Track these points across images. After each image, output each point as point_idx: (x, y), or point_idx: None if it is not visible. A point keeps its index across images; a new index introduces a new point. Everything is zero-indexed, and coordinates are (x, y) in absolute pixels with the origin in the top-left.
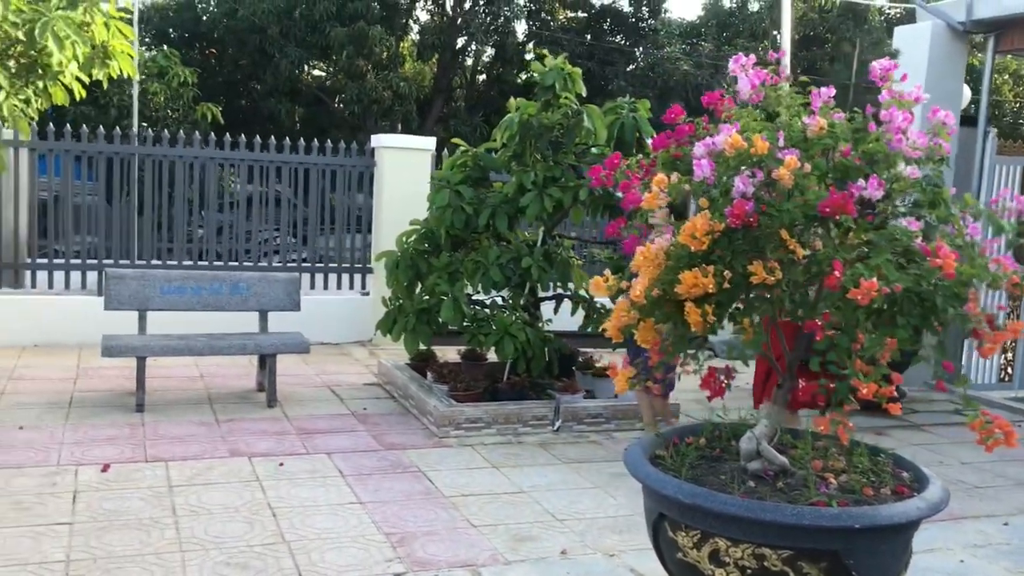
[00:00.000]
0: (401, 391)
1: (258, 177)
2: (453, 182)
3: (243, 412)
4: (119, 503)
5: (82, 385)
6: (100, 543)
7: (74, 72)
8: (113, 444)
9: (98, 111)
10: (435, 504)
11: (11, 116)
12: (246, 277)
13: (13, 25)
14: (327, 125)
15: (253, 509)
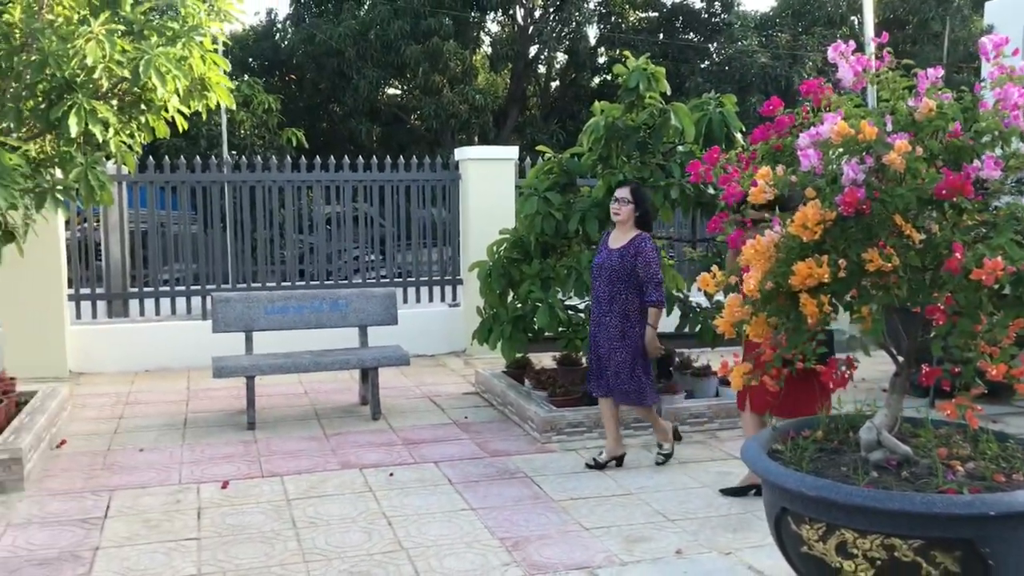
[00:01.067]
0: (500, 399)
1: (342, 196)
2: (541, 189)
3: (349, 425)
4: (241, 518)
5: (194, 406)
6: (227, 556)
7: (175, 105)
8: (230, 461)
9: (189, 142)
10: (545, 508)
11: (119, 152)
12: (345, 294)
13: (118, 64)
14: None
15: (369, 519)
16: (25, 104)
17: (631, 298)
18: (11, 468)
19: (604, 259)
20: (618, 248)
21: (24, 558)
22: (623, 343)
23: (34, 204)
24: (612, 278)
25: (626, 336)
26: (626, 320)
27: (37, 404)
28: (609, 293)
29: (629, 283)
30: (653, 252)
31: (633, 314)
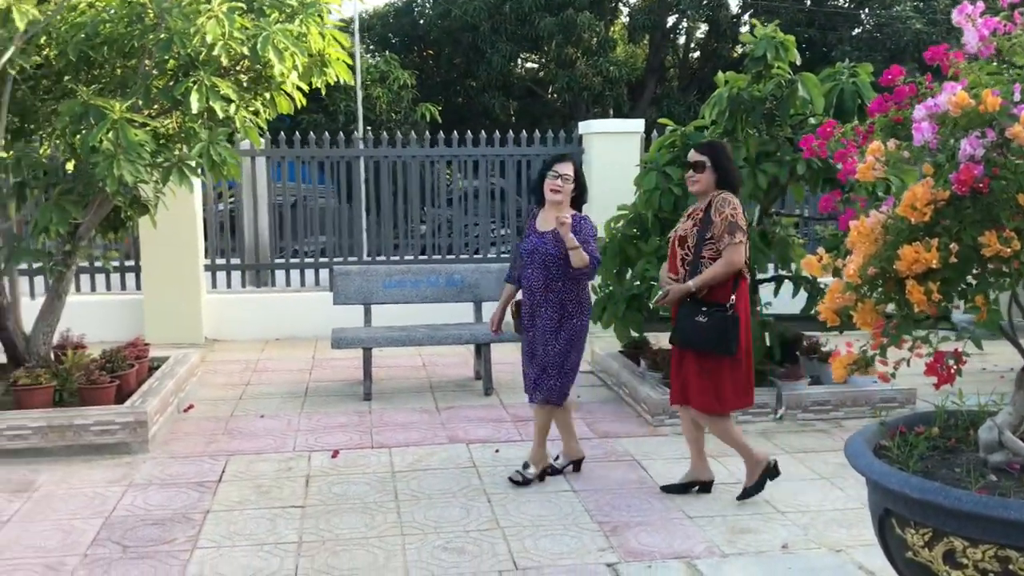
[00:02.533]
0: (614, 379)
1: (470, 171)
2: (661, 163)
3: (461, 399)
4: (347, 487)
5: (316, 375)
6: (328, 525)
7: (294, 81)
8: (343, 431)
9: (328, 118)
10: (649, 494)
11: (243, 127)
12: (461, 269)
13: (239, 42)
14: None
15: (469, 495)
16: (153, 82)
17: (567, 287)
18: (136, 431)
19: (536, 244)
20: (552, 231)
21: (140, 517)
22: (558, 336)
23: (160, 178)
24: (547, 264)
25: (562, 328)
26: (563, 311)
27: (167, 369)
28: (543, 280)
29: (566, 269)
30: (593, 231)
31: (571, 304)
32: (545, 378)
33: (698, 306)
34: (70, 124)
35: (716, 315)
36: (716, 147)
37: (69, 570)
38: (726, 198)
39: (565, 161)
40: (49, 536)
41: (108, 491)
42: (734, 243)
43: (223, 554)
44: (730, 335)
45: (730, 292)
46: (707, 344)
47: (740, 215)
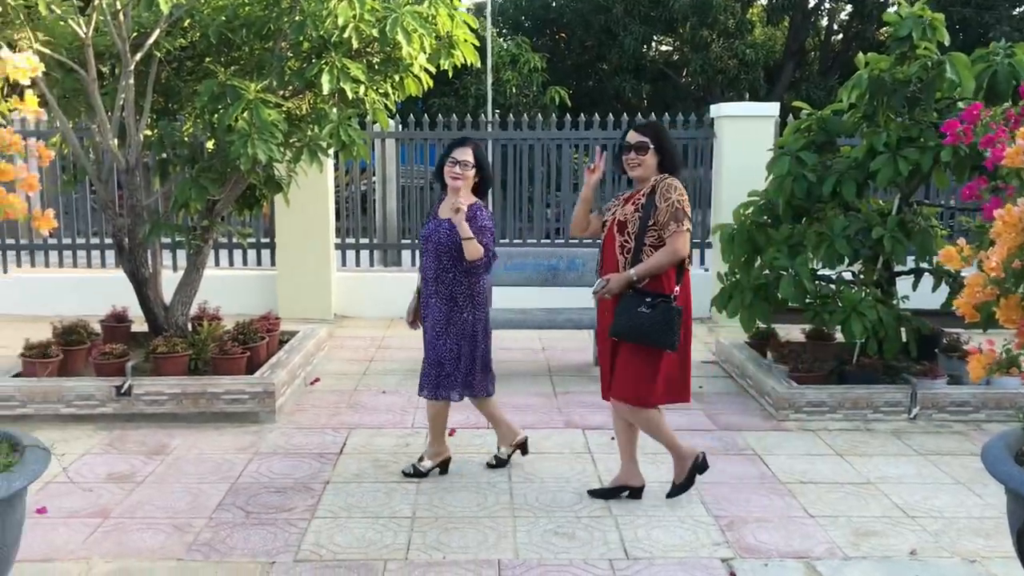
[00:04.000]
0: (739, 370)
1: None
2: (794, 148)
3: (579, 385)
4: (461, 466)
5: None
6: (442, 503)
7: (422, 63)
8: (459, 410)
9: (458, 101)
10: (769, 490)
11: (372, 108)
12: (582, 253)
13: (369, 23)
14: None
15: (582, 480)
16: (288, 64)
17: (458, 279)
18: (264, 401)
19: (431, 231)
20: (449, 220)
21: (264, 484)
22: (447, 331)
23: (292, 158)
24: (439, 252)
25: (451, 324)
26: (452, 304)
27: (296, 343)
28: (435, 270)
29: (459, 260)
30: (489, 221)
31: (461, 297)
32: (436, 374)
33: (641, 297)
34: (208, 103)
35: (661, 306)
36: (659, 128)
37: (195, 531)
38: (671, 183)
39: (464, 146)
40: (179, 498)
41: (235, 458)
42: (680, 231)
43: (339, 525)
44: (675, 328)
45: (674, 282)
46: (649, 337)
47: (686, 201)
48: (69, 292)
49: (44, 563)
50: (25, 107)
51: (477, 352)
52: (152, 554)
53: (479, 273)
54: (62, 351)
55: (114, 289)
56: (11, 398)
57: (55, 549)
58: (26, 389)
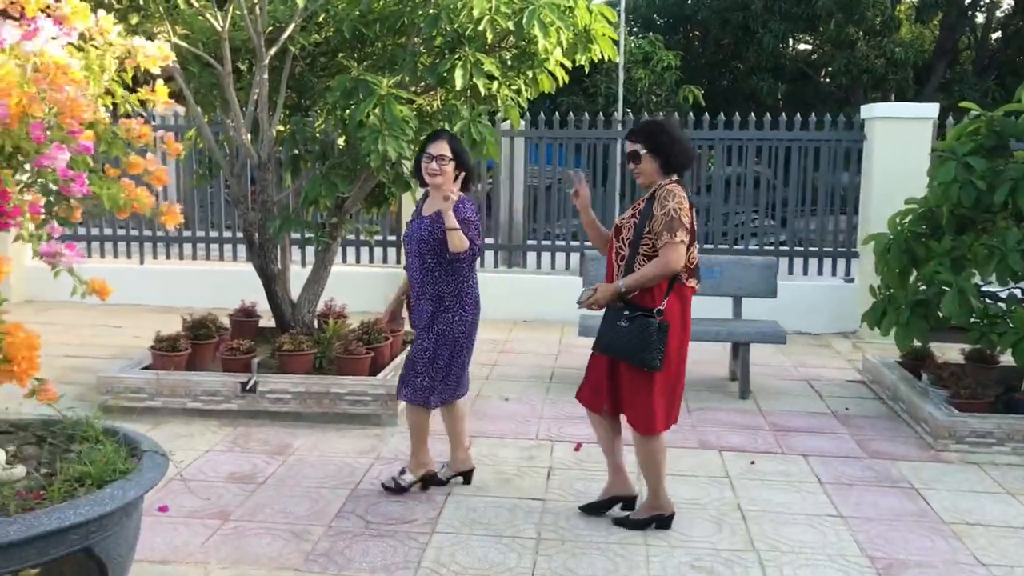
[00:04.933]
0: (889, 392)
1: (736, 157)
2: (961, 153)
3: (713, 401)
4: (589, 484)
5: (562, 361)
6: (567, 524)
7: (558, 58)
8: (584, 423)
9: (587, 100)
10: (930, 530)
11: (504, 105)
12: (720, 261)
13: (504, 16)
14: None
15: (721, 508)
16: (420, 59)
17: (444, 277)
18: (387, 403)
19: (413, 230)
20: (430, 216)
21: (384, 492)
22: (429, 331)
23: None
24: (422, 251)
25: (435, 323)
26: (438, 303)
27: None
28: (420, 270)
29: (442, 257)
30: (474, 215)
31: (448, 296)
32: (412, 374)
33: (622, 310)
34: (340, 99)
35: (638, 321)
36: (651, 129)
37: (313, 540)
38: (670, 190)
39: (438, 140)
40: (298, 502)
41: (356, 462)
42: (672, 242)
43: (461, 542)
44: (652, 345)
45: (661, 297)
46: (625, 353)
47: (685, 210)
48: (202, 284)
49: (163, 565)
50: (156, 98)
51: (457, 357)
52: (270, 562)
53: (463, 268)
54: (191, 345)
55: (245, 283)
56: (140, 390)
57: (174, 550)
58: (155, 382)
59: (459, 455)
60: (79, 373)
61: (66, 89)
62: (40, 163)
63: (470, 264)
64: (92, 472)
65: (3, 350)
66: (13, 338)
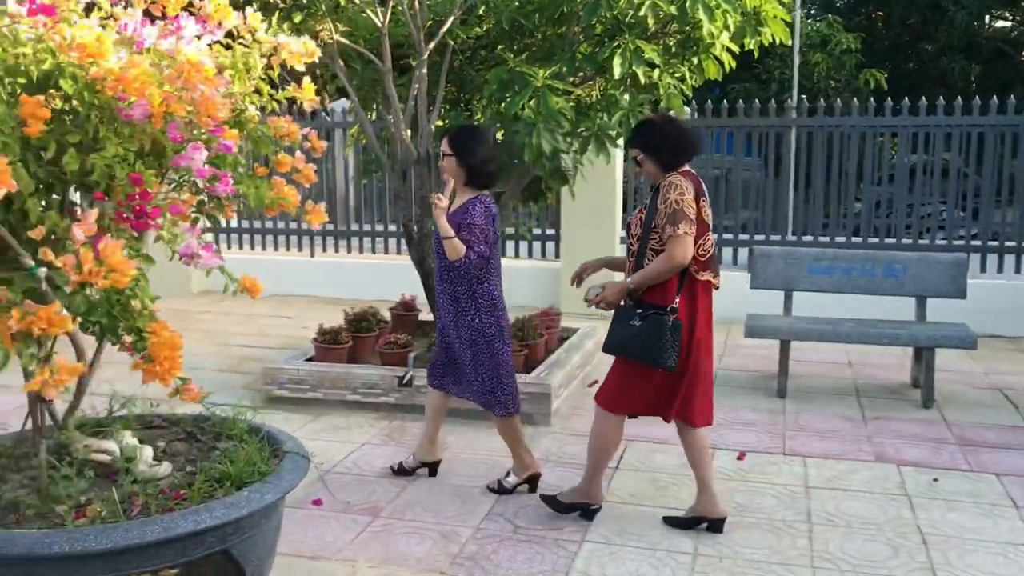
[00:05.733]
0: None
1: (922, 144)
2: None
3: (893, 410)
4: (751, 498)
5: (726, 363)
6: (728, 540)
7: (724, 42)
8: (751, 430)
9: (759, 86)
10: None
11: (666, 94)
12: (902, 258)
13: (667, 1)
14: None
15: (898, 530)
16: (579, 48)
17: (457, 278)
18: (540, 402)
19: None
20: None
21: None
22: (458, 335)
23: (579, 148)
24: (438, 250)
25: (459, 326)
26: (456, 305)
27: (575, 342)
28: (438, 268)
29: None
30: (480, 219)
31: (464, 298)
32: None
33: (635, 308)
34: (496, 92)
35: (652, 319)
36: (641, 131)
37: (461, 542)
38: (671, 182)
39: (444, 137)
40: (448, 501)
41: (508, 462)
42: (675, 235)
43: (612, 553)
44: (664, 344)
45: (674, 293)
46: (637, 352)
47: (687, 202)
48: (367, 277)
49: (312, 560)
50: (303, 96)
51: (499, 360)
52: (417, 563)
53: (464, 275)
54: (351, 337)
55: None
56: (303, 382)
57: (324, 546)
58: (317, 374)
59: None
60: (250, 362)
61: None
62: (177, 163)
63: (466, 269)
64: (232, 473)
65: (147, 350)
66: (158, 338)
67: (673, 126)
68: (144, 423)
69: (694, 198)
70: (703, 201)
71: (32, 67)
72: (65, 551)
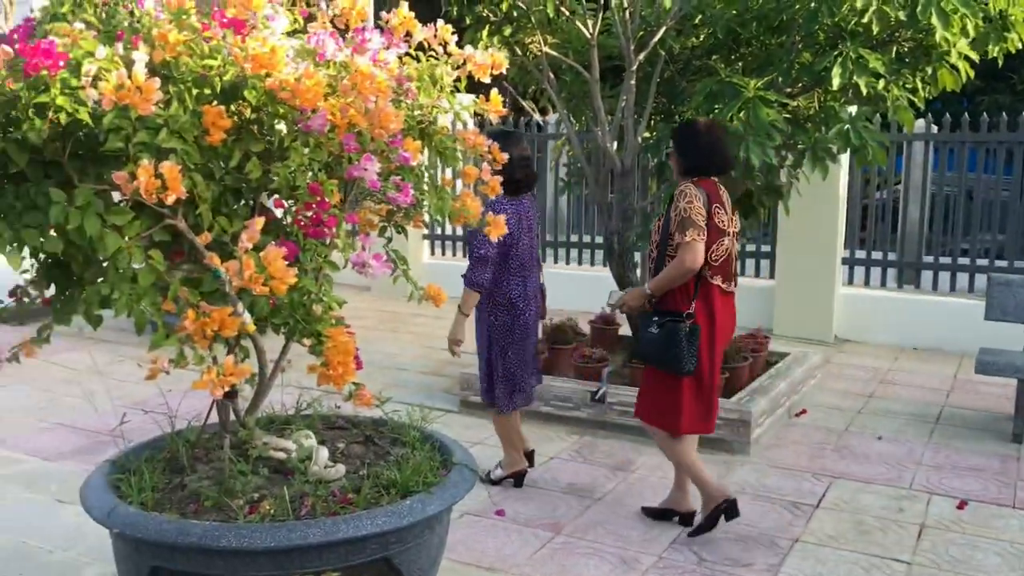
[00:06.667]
0: None
1: None
2: None
3: None
4: (970, 552)
5: (955, 400)
6: None
7: (963, 50)
8: (976, 476)
9: (1014, 98)
10: None
11: (893, 106)
12: None
13: (893, 6)
14: None
15: None
16: (798, 58)
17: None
18: (739, 430)
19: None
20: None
21: (724, 527)
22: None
23: (794, 162)
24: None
25: (478, 322)
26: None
27: (783, 368)
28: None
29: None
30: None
31: (483, 298)
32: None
33: (652, 315)
34: (704, 103)
35: (668, 326)
36: (682, 128)
37: (642, 569)
38: (682, 190)
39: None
40: (632, 525)
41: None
42: (684, 242)
43: None
44: (681, 349)
45: (688, 299)
46: (656, 359)
47: (696, 208)
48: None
49: (488, 571)
50: (490, 108)
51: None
52: None
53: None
54: (549, 349)
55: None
56: None
57: (502, 558)
58: None
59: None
60: (451, 366)
61: (371, 99)
62: (351, 174)
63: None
64: (398, 480)
65: (324, 355)
66: (334, 343)
67: (709, 136)
68: (328, 423)
69: (705, 205)
70: (716, 208)
71: (217, 78)
72: (232, 546)
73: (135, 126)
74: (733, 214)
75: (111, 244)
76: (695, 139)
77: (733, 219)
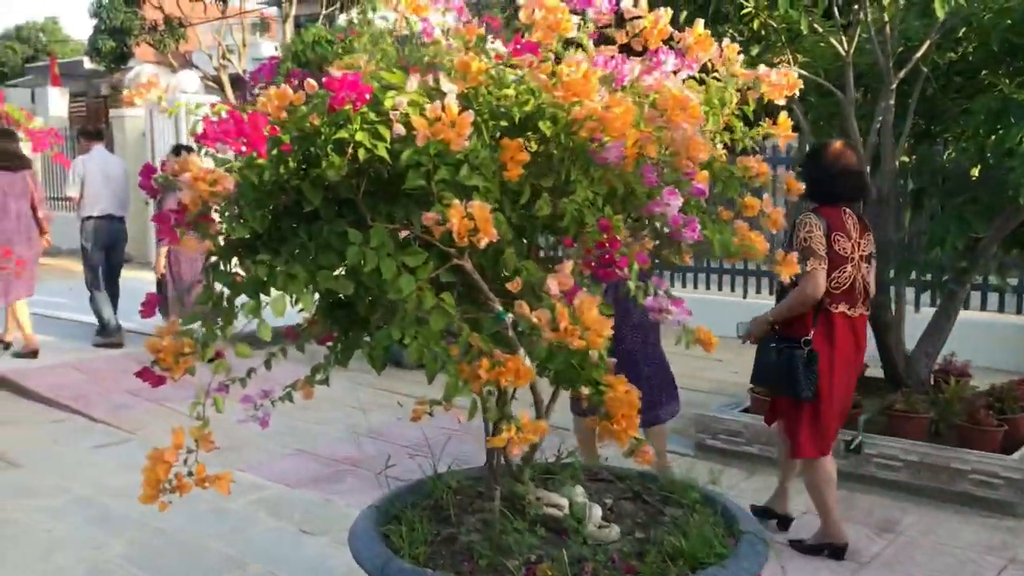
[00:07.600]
0: None
1: None
2: None
3: None
4: None
5: None
6: None
7: None
8: None
9: None
10: None
11: None
12: None
13: None
14: None
15: None
16: None
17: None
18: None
19: None
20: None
21: None
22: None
23: None
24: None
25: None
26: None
27: None
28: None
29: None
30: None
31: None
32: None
33: (771, 341)
34: (984, 123)
35: (786, 352)
36: (813, 150)
37: None
38: (803, 219)
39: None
40: None
41: (983, 559)
42: (806, 271)
43: None
44: (798, 375)
45: (808, 327)
46: (775, 384)
47: (816, 238)
48: None
49: None
50: (779, 131)
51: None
52: None
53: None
54: None
55: None
56: (738, 434)
57: None
58: (754, 428)
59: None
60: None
61: (683, 126)
62: (651, 209)
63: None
64: (686, 550)
65: (604, 406)
66: (614, 393)
67: (838, 163)
68: (590, 475)
69: (825, 233)
70: (838, 236)
71: (515, 109)
72: None
73: (435, 162)
74: (862, 237)
75: (405, 286)
76: (822, 165)
77: (861, 243)
